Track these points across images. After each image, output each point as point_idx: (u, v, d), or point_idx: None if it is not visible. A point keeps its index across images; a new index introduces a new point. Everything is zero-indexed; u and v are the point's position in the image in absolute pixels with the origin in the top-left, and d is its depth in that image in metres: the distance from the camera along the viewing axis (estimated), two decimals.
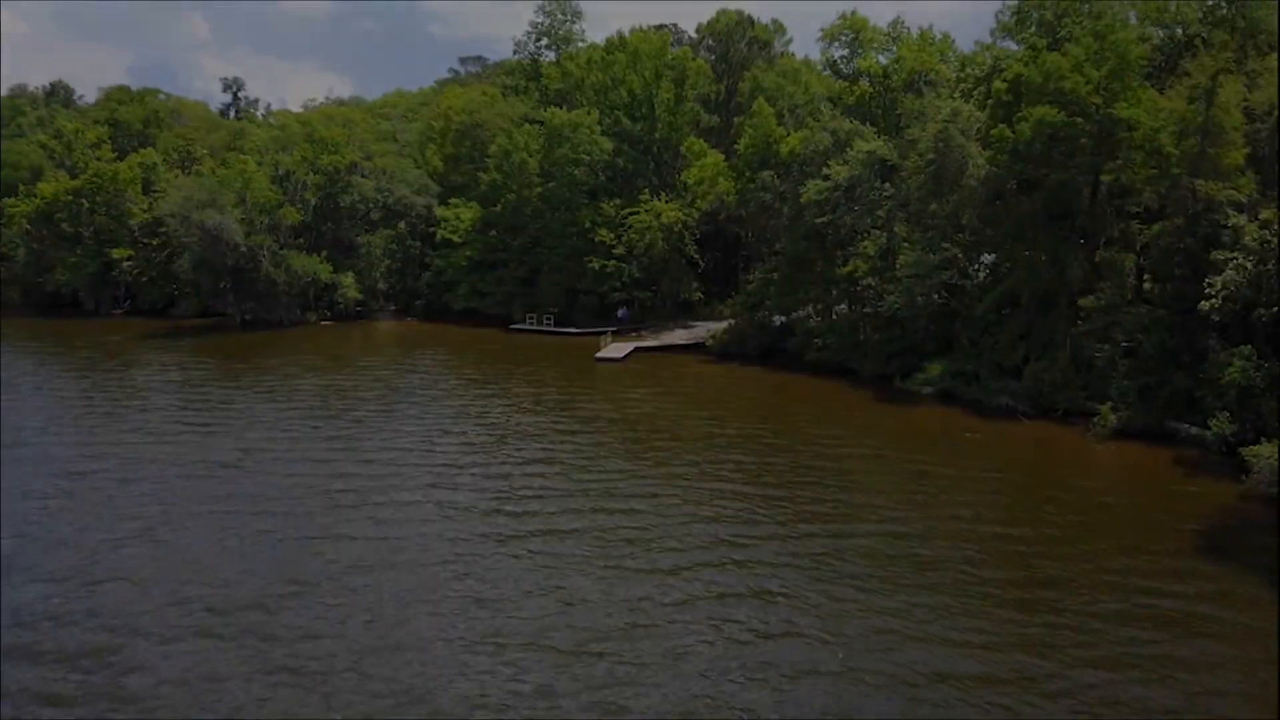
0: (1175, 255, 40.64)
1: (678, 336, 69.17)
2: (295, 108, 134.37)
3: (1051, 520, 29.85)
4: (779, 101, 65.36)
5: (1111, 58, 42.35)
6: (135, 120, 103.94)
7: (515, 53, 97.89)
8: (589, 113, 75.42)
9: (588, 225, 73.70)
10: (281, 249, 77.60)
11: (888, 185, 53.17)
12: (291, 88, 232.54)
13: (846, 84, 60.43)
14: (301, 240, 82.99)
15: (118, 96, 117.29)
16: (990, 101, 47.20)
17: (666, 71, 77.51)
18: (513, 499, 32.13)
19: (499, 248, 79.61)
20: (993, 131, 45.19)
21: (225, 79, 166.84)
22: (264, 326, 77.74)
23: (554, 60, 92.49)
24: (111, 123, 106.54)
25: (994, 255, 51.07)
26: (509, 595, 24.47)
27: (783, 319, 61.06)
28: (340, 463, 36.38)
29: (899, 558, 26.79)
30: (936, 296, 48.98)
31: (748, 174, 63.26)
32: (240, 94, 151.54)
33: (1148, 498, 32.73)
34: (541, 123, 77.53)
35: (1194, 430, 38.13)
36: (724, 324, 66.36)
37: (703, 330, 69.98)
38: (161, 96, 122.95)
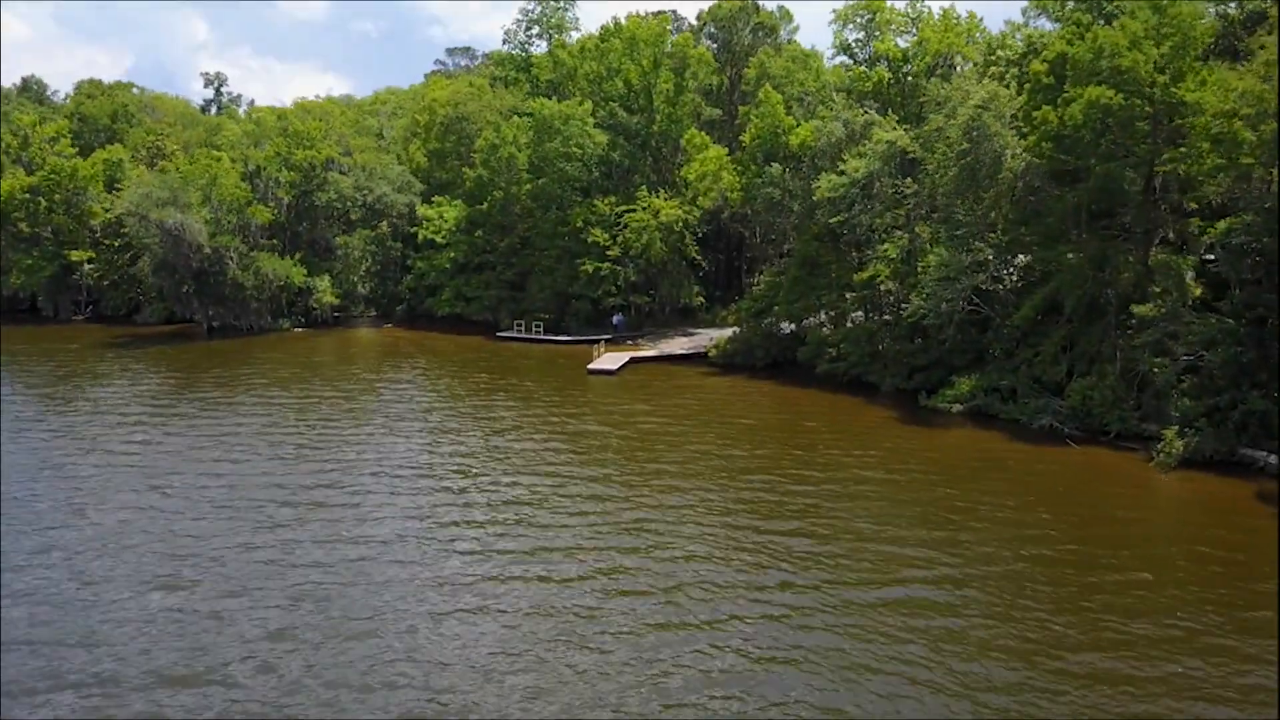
0: (1247, 257, 35.76)
1: (677, 345, 64.31)
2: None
3: (1120, 568, 24.96)
4: (787, 89, 60.50)
5: (1174, 33, 37.50)
6: (102, 115, 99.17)
7: (505, 42, 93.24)
8: (582, 103, 70.63)
9: (580, 225, 68.90)
10: (251, 251, 72.74)
11: (909, 180, 48.31)
12: (291, 89, 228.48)
13: (861, 70, 55.52)
14: (275, 241, 78.25)
15: (87, 90, 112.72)
16: (1028, 84, 42.34)
17: (665, 60, 72.72)
18: (486, 554, 27.23)
19: (485, 249, 74.78)
20: (1035, 113, 40.30)
21: (206, 74, 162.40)
22: (232, 334, 72.93)
23: (545, 50, 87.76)
24: (78, 117, 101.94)
25: (1025, 257, 46.22)
26: (462, 686, 19.58)
27: (792, 327, 56.21)
28: (277, 504, 31.48)
29: (945, 636, 21.88)
30: (965, 303, 44.06)
31: (753, 168, 58.43)
32: (223, 89, 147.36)
33: (1226, 539, 27.80)
34: (531, 114, 72.70)
35: (1274, 459, 33.26)
36: (728, 331, 61.51)
37: (705, 338, 65.12)
38: (135, 91, 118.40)
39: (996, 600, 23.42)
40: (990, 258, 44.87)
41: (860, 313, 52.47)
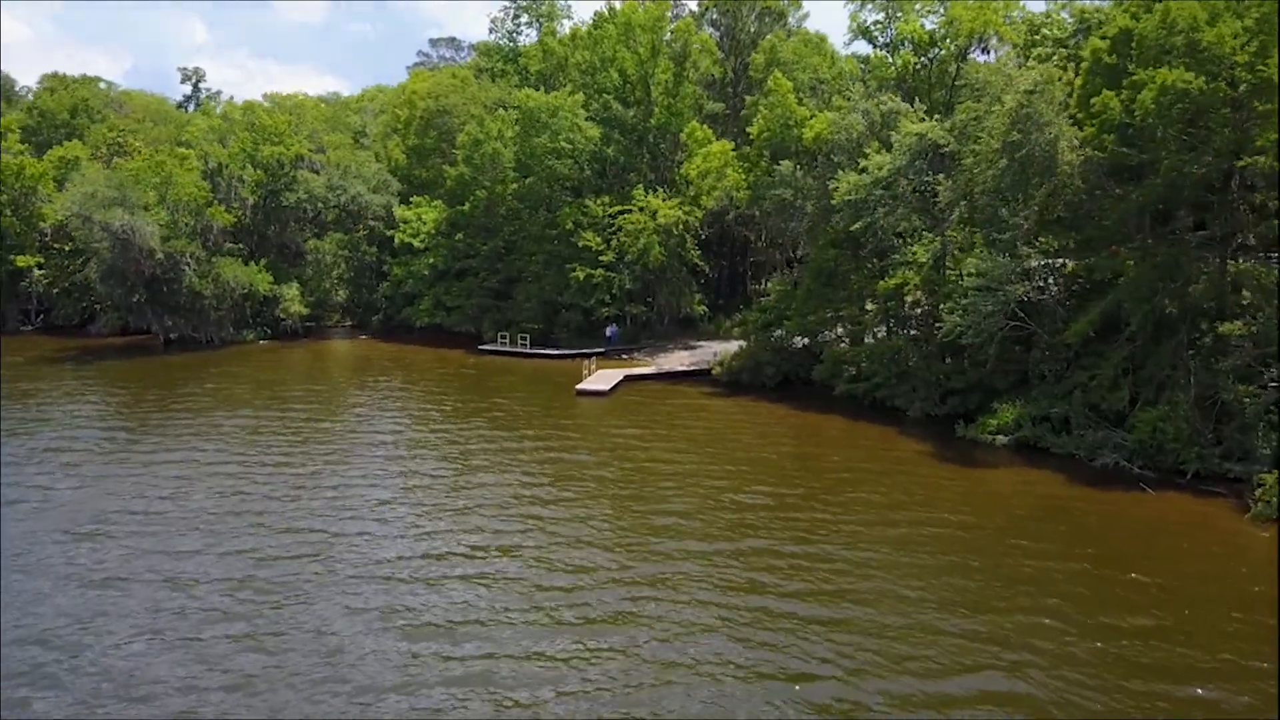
0: None
1: (677, 360, 58.97)
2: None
3: (1235, 676, 19.62)
4: (799, 74, 55.16)
5: (1260, 3, 32.23)
6: (61, 110, 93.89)
7: (491, 31, 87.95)
8: (572, 94, 65.28)
9: (571, 227, 63.58)
10: (212, 256, 67.30)
11: (940, 177, 43.02)
12: (288, 91, 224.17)
13: (882, 55, 50.26)
14: (240, 246, 72.91)
15: (50, 84, 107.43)
16: (1083, 66, 37.05)
17: (664, 48, 67.35)
18: (445, 632, 21.84)
19: (467, 254, 69.44)
20: (1094, 100, 35.00)
21: (184, 69, 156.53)
22: (191, 346, 67.56)
23: (535, 40, 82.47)
24: (38, 112, 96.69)
25: (1069, 262, 40.92)
26: None
27: (805, 341, 50.87)
28: (206, 553, 26.08)
29: None
30: (1008, 318, 38.70)
31: (762, 165, 53.12)
32: (201, 85, 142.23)
33: None
34: (517, 107, 67.36)
35: None
36: (732, 345, 56.25)
37: (707, 352, 59.77)
38: (102, 85, 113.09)
39: (1091, 697, 18.08)
40: (1036, 265, 39.57)
41: (883, 327, 47.17)
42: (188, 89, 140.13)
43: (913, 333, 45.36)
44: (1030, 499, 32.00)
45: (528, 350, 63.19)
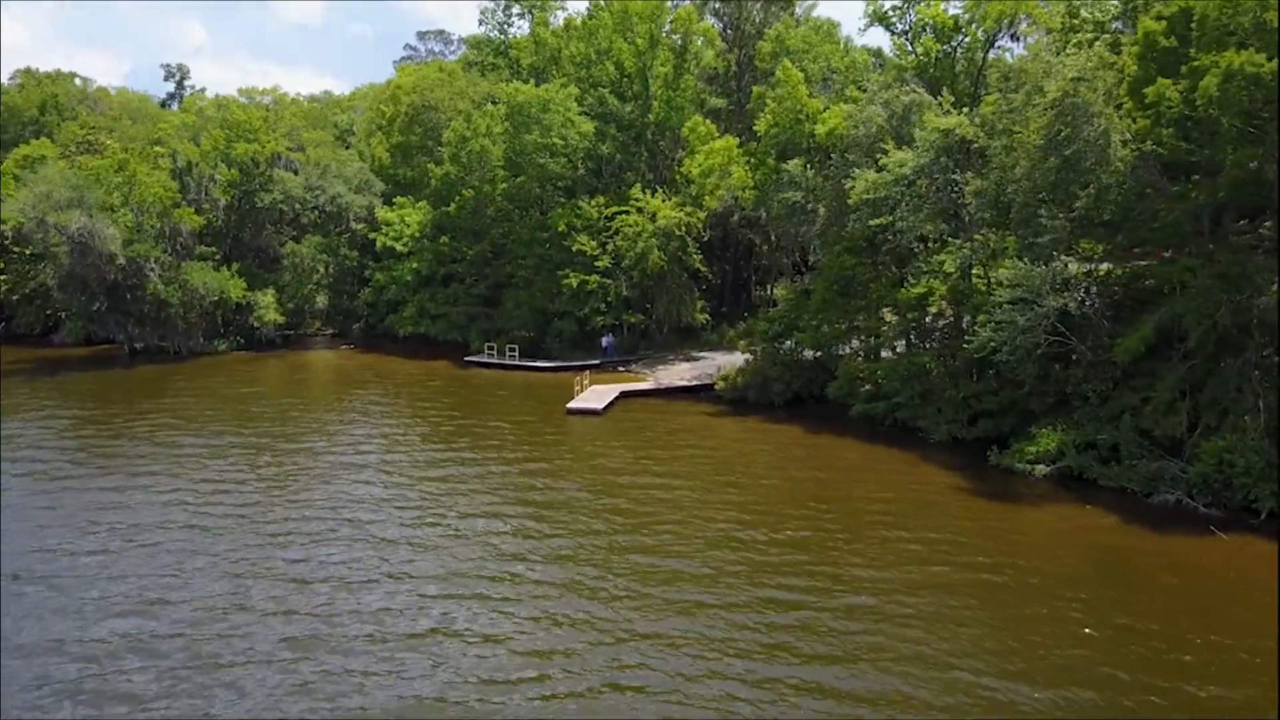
0: None
1: (678, 373, 55.27)
2: None
3: None
4: (810, 65, 51.41)
5: None
6: (30, 106, 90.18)
7: (481, 23, 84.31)
8: (564, 86, 61.61)
9: (563, 229, 59.87)
10: (179, 261, 63.57)
11: (969, 175, 39.36)
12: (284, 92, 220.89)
13: (902, 42, 46.58)
14: (214, 250, 69.27)
15: (22, 80, 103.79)
16: (1135, 50, 33.34)
17: (664, 39, 63.64)
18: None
19: (453, 258, 65.74)
20: (1146, 90, 31.32)
21: (167, 66, 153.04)
22: (158, 358, 63.84)
23: (527, 32, 78.81)
24: (4, 110, 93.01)
25: (1114, 269, 37.27)
26: None
27: (816, 355, 47.18)
28: (126, 602, 22.36)
29: None
30: (1048, 333, 34.99)
31: (769, 163, 49.44)
32: (185, 82, 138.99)
33: None
34: (506, 102, 63.66)
35: None
36: (737, 357, 52.63)
37: (710, 364, 56.19)
38: (77, 81, 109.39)
39: None
40: (1077, 272, 35.86)
41: (903, 341, 43.47)
42: (171, 86, 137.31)
43: (937, 347, 41.63)
44: (1083, 543, 28.26)
45: (517, 362, 59.45)
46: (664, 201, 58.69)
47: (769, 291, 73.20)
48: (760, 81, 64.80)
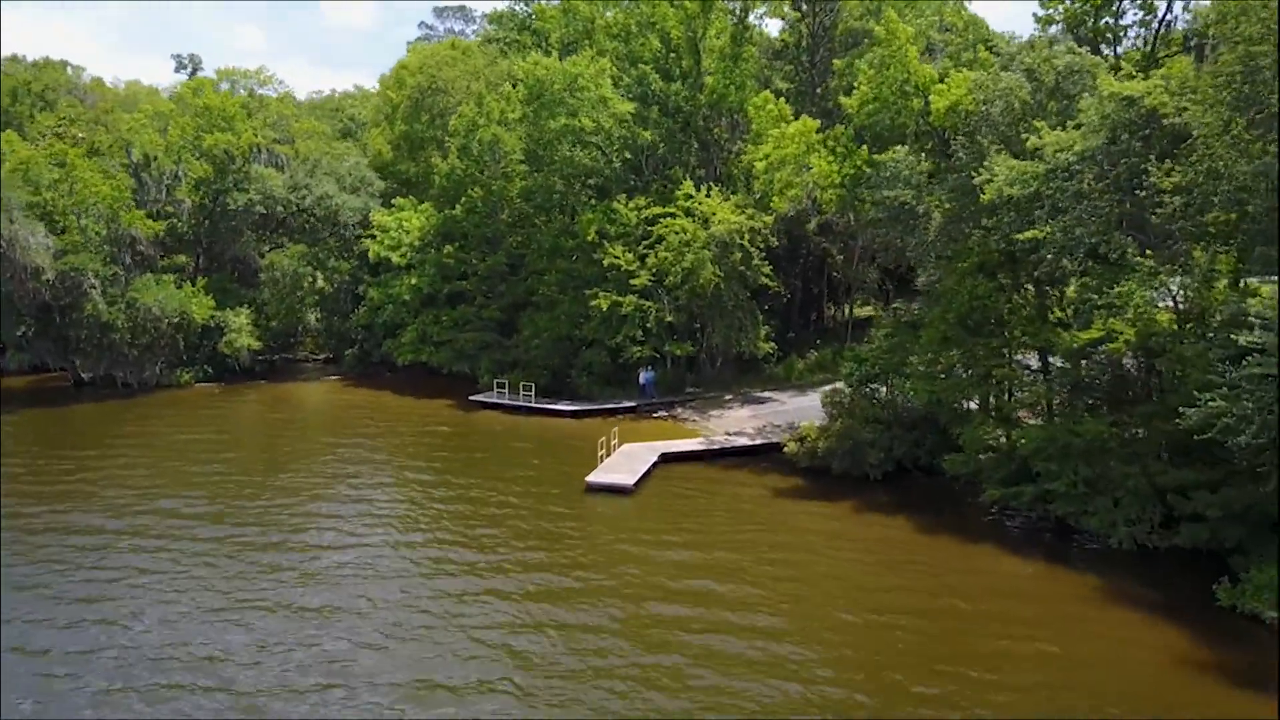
0: None
1: (735, 422, 44.31)
2: None
3: None
4: (918, 20, 39.69)
5: None
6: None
7: None
8: (594, 60, 50.87)
9: (593, 238, 49.09)
10: (131, 275, 54.09)
11: (1167, 164, 27.71)
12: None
13: None
14: (184, 261, 59.93)
15: (7, 68, 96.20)
16: None
17: (719, 3, 52.56)
18: None
19: (460, 272, 55.33)
20: None
21: (178, 55, 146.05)
22: (109, 391, 54.45)
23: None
24: None
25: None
26: None
27: (922, 406, 35.75)
28: None
29: None
30: None
31: (860, 154, 38.11)
32: (199, 72, 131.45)
33: None
34: (524, 81, 53.08)
35: None
36: (810, 397, 41.67)
37: (777, 408, 45.50)
38: (69, 71, 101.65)
39: None
40: None
41: (1059, 398, 31.79)
42: (184, 77, 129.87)
43: (1108, 410, 29.88)
44: None
45: (532, 404, 48.77)
46: (721, 201, 47.62)
47: (846, 312, 61.75)
48: (841, 54, 53.52)
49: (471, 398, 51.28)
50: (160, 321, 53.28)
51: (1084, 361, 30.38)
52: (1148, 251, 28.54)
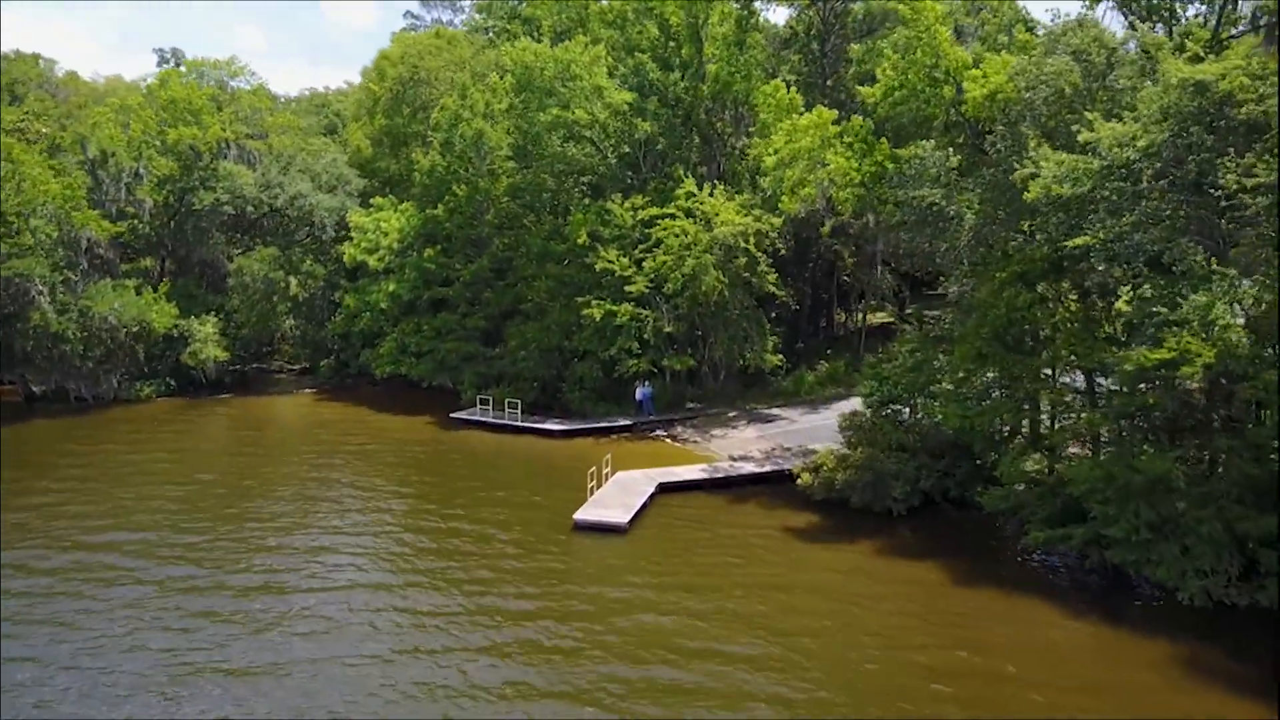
0: None
1: (741, 444, 40.71)
2: None
3: None
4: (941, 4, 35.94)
5: None
6: None
7: None
8: (588, 47, 47.25)
9: (585, 240, 45.45)
10: (87, 282, 50.45)
11: (1249, 157, 24.09)
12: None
13: None
14: (149, 264, 56.34)
15: None
16: None
17: None
18: None
19: (443, 278, 51.67)
20: None
21: (160, 50, 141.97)
22: (62, 406, 50.74)
23: None
24: None
25: None
26: None
27: (952, 431, 32.05)
28: None
29: None
30: None
31: (881, 149, 34.50)
32: (180, 68, 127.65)
33: None
34: (512, 70, 49.42)
35: None
36: (825, 416, 38.19)
37: (787, 428, 41.96)
38: (41, 64, 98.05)
39: None
40: None
41: (1115, 423, 28.10)
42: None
43: (1166, 440, 26.27)
44: None
45: (519, 423, 45.11)
46: (725, 200, 44.02)
47: (858, 319, 58.17)
48: (858, 40, 49.95)
49: (453, 415, 47.59)
50: (117, 331, 49.65)
51: (1142, 385, 26.70)
52: (1213, 260, 25.00)
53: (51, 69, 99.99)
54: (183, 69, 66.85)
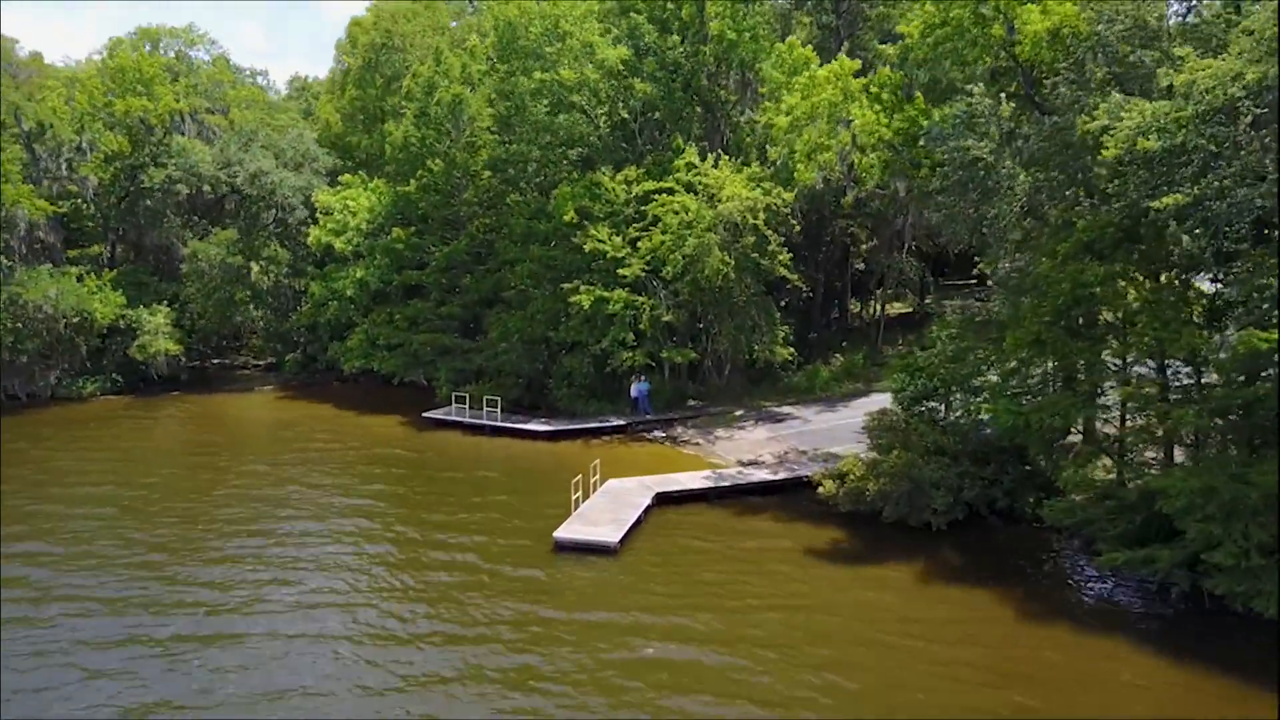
0: None
1: (750, 447, 36.19)
2: None
3: None
4: None
5: None
6: None
7: None
8: (575, 5, 42.63)
9: (574, 218, 40.84)
10: (21, 265, 45.88)
11: None
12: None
13: None
14: (99, 250, 51.79)
15: None
16: None
17: None
18: None
19: (416, 262, 47.10)
20: None
21: (132, 34, 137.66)
22: None
23: None
24: None
25: None
26: None
27: (1002, 432, 27.54)
28: None
29: None
30: None
31: (914, 104, 29.93)
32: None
33: None
34: (495, 28, 44.86)
35: None
36: (845, 416, 33.83)
37: (801, 429, 37.54)
38: (17, 47, 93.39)
39: None
40: None
41: (1211, 421, 23.52)
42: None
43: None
44: None
45: (497, 423, 40.56)
46: (730, 172, 39.46)
47: (876, 309, 53.71)
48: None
49: (426, 414, 43.06)
50: (54, 322, 45.06)
51: (1243, 377, 22.15)
52: None
53: (13, 49, 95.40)
54: (134, 35, 62.10)
